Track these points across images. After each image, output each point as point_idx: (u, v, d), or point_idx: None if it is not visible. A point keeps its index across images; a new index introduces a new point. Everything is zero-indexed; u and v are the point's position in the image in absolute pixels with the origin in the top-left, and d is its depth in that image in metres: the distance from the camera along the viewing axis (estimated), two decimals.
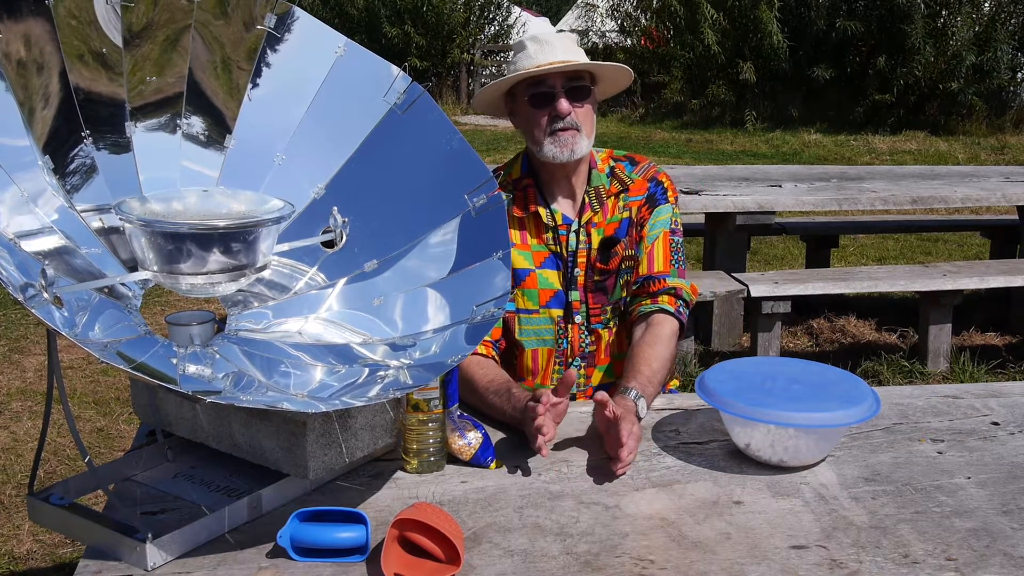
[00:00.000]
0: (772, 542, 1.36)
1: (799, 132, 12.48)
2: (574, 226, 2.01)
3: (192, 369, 1.42)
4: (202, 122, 1.62)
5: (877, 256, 6.58)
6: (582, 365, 2.05)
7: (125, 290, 1.47)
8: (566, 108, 1.90)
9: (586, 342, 2.04)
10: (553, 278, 2.01)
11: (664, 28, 14.77)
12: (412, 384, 1.45)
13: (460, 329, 1.55)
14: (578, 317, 2.02)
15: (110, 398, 4.00)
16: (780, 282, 4.16)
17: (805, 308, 5.00)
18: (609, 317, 2.04)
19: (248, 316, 1.61)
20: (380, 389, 1.44)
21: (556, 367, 2.05)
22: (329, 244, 1.63)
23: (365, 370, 1.51)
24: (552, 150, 1.92)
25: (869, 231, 6.54)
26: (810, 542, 1.36)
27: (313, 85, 1.69)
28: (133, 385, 1.59)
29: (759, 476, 1.56)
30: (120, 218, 1.37)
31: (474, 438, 1.59)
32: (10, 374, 4.28)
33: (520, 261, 1.99)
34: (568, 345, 2.03)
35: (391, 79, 1.70)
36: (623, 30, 15.54)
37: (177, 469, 1.54)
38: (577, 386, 2.06)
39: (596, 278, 2.01)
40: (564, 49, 1.92)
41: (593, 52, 14.73)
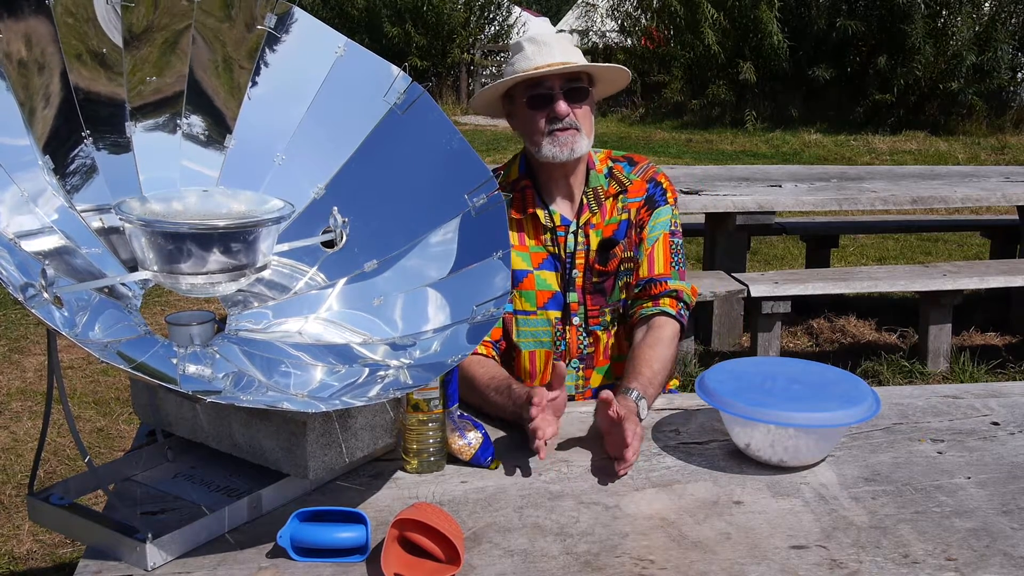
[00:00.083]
0: (772, 542, 1.36)
1: (799, 132, 12.47)
2: (572, 227, 2.01)
3: (192, 369, 1.42)
4: (202, 122, 1.62)
5: (877, 256, 6.58)
6: (580, 367, 2.05)
7: (125, 290, 1.47)
8: (564, 110, 1.90)
9: (584, 344, 2.04)
10: (551, 279, 2.01)
11: (664, 28, 14.76)
12: (412, 384, 1.45)
13: (460, 329, 1.55)
14: (576, 319, 2.02)
15: (110, 398, 4.00)
16: (780, 282, 4.16)
17: (805, 308, 5.00)
18: (608, 319, 2.04)
19: (248, 316, 1.61)
20: (380, 389, 1.44)
21: (555, 361, 2.04)
22: (329, 244, 1.63)
23: (365, 370, 1.51)
24: (551, 150, 1.92)
25: (869, 231, 6.54)
26: (810, 542, 1.36)
27: (313, 85, 1.69)
28: (133, 385, 1.59)
29: (759, 476, 1.56)
30: (120, 218, 1.37)
31: (474, 438, 1.59)
32: (10, 374, 4.28)
33: (518, 262, 1.98)
34: (566, 347, 2.03)
35: (391, 79, 1.70)
36: (623, 30, 15.53)
37: (177, 469, 1.54)
38: (576, 387, 2.05)
39: (594, 279, 2.01)
40: (562, 50, 1.92)
41: (593, 52, 14.74)
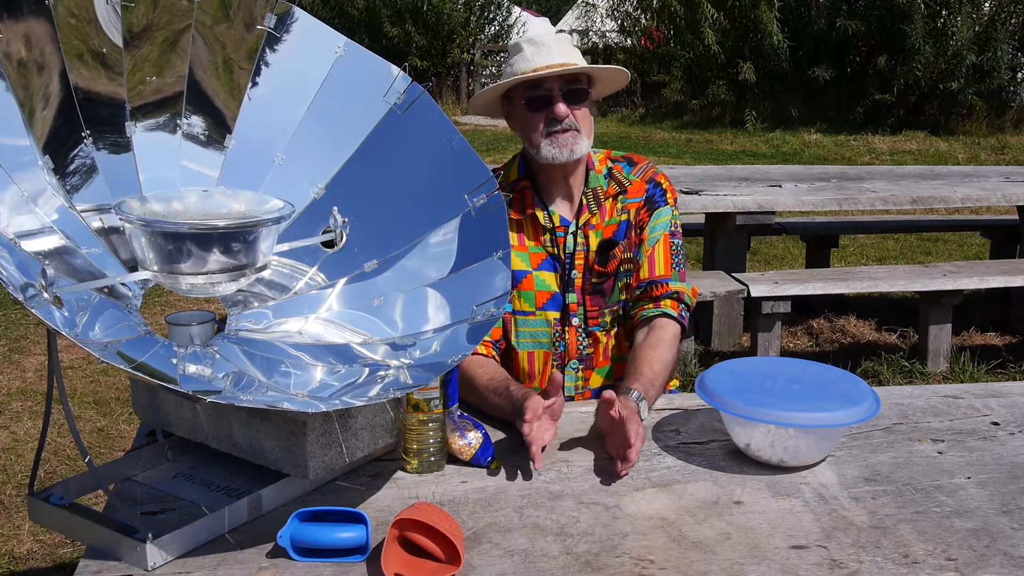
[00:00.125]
0: (772, 542, 1.36)
1: (799, 132, 12.47)
2: (571, 228, 2.00)
3: (192, 369, 1.42)
4: (202, 122, 1.62)
5: (877, 256, 6.58)
6: (580, 368, 2.05)
7: (125, 290, 1.47)
8: (563, 111, 1.90)
9: (583, 344, 2.04)
10: (550, 280, 2.01)
11: (664, 28, 14.76)
12: (412, 384, 1.45)
13: (460, 329, 1.55)
14: (575, 319, 2.02)
15: (110, 398, 4.00)
16: (780, 282, 4.16)
17: (805, 308, 5.00)
18: (607, 320, 2.04)
19: (248, 316, 1.61)
20: (380, 389, 1.44)
21: (553, 370, 2.04)
22: (329, 244, 1.63)
23: (365, 370, 1.51)
24: (551, 151, 1.91)
25: (869, 231, 6.54)
26: (810, 542, 1.36)
27: (313, 85, 1.69)
28: (133, 385, 1.59)
29: (759, 476, 1.56)
30: (120, 218, 1.37)
31: (474, 438, 1.59)
32: (10, 374, 4.28)
33: (517, 263, 1.98)
34: (565, 348, 2.03)
35: (391, 79, 1.70)
36: (623, 30, 15.53)
37: (177, 469, 1.54)
38: (575, 388, 2.05)
39: (594, 280, 2.01)
40: (561, 51, 1.91)
41: (593, 52, 14.74)
